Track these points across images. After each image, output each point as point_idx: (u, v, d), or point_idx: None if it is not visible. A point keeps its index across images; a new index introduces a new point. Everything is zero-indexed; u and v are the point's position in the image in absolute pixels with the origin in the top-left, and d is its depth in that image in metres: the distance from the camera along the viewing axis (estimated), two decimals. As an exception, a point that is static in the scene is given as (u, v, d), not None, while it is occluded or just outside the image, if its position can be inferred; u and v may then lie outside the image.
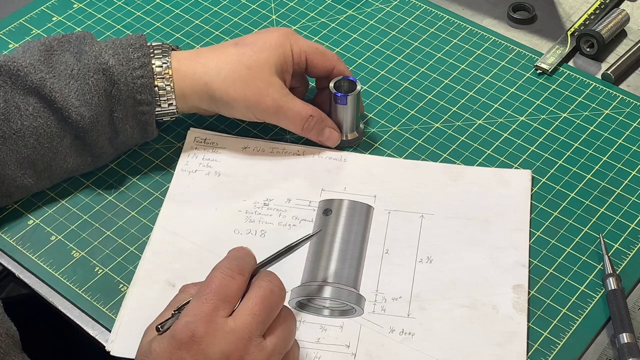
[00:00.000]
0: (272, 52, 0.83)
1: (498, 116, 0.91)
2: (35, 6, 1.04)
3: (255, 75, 0.82)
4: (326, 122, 0.86)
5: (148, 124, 0.83)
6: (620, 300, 0.74)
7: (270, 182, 0.84)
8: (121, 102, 0.80)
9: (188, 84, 0.82)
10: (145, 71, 0.81)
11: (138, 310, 0.75)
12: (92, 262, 0.80)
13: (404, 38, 0.99)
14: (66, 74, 0.80)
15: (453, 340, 0.73)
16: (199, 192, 0.84)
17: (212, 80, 0.82)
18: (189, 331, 0.62)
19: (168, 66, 0.82)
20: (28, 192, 0.83)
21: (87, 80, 0.79)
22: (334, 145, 0.87)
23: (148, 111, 0.82)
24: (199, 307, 0.63)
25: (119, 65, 0.80)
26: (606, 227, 0.81)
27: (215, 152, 0.87)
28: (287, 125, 0.85)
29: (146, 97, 0.81)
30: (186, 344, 0.62)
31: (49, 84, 0.79)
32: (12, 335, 0.70)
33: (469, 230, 0.80)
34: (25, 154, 0.80)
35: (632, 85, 0.94)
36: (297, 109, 0.84)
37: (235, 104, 0.82)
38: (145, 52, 0.81)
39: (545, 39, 0.99)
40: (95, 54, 0.80)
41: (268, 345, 0.64)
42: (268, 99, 0.82)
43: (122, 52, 0.81)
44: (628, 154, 0.87)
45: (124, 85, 0.80)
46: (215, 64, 0.83)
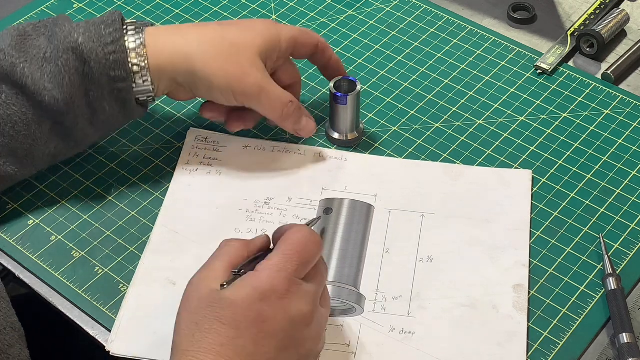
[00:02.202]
0: (257, 35, 0.81)
1: (498, 116, 0.91)
2: (35, 6, 1.04)
3: (238, 52, 0.80)
4: (303, 110, 0.84)
5: (127, 100, 0.80)
6: (620, 300, 0.74)
7: (271, 181, 0.84)
8: (94, 81, 0.78)
9: (166, 56, 0.79)
10: (117, 46, 0.77)
11: (138, 309, 0.75)
12: (92, 262, 0.80)
13: (404, 38, 0.99)
14: (39, 57, 0.77)
15: (453, 340, 0.73)
16: (200, 190, 0.84)
17: (193, 52, 0.79)
18: (272, 286, 0.63)
19: (142, 42, 0.78)
20: (13, 180, 0.81)
21: (57, 61, 0.77)
22: (309, 136, 0.86)
23: (124, 88, 0.79)
24: (284, 264, 0.64)
25: (89, 42, 0.77)
26: (606, 227, 0.81)
27: (216, 150, 0.87)
28: (266, 109, 0.82)
29: (120, 73, 0.78)
30: (268, 298, 0.63)
31: (19, 70, 0.77)
32: (17, 330, 0.70)
33: (469, 229, 0.80)
34: (2, 142, 0.78)
35: (632, 85, 0.94)
36: (278, 92, 0.82)
37: (215, 79, 0.79)
38: (117, 27, 0.78)
39: (545, 39, 0.99)
40: (65, 34, 0.78)
41: (324, 313, 0.68)
42: (250, 78, 0.80)
43: (93, 29, 0.78)
44: (628, 154, 0.87)
45: (95, 62, 0.77)
46: (196, 36, 0.80)
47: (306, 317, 0.64)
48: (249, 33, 0.81)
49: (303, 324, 0.64)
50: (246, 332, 0.62)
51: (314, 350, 0.67)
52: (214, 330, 0.61)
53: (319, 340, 0.67)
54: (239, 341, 0.61)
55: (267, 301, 0.63)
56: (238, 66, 0.79)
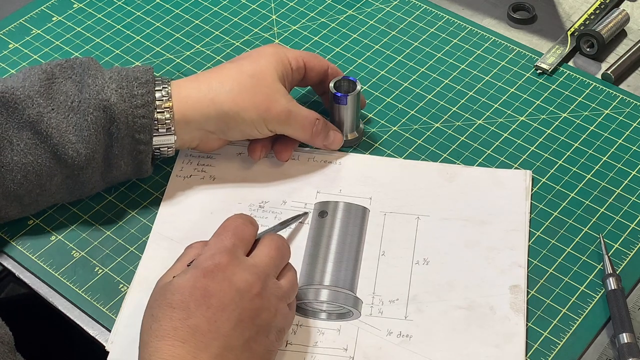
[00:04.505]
0: (269, 59, 0.82)
1: (498, 116, 0.91)
2: (35, 6, 1.04)
3: (260, 82, 0.81)
4: (329, 125, 0.86)
5: (143, 162, 0.80)
6: (620, 300, 0.74)
7: (265, 185, 0.84)
8: (119, 140, 0.78)
9: (191, 105, 0.80)
10: (148, 111, 0.78)
11: (136, 316, 0.74)
12: (92, 262, 0.80)
13: (404, 38, 0.99)
14: (66, 105, 0.77)
15: (451, 342, 0.73)
16: (194, 196, 0.84)
17: (218, 94, 0.80)
18: (213, 261, 0.66)
19: (167, 95, 0.79)
20: (11, 219, 0.81)
21: (87, 117, 0.77)
22: (338, 148, 0.87)
23: (145, 150, 0.80)
24: (221, 242, 0.68)
25: (121, 102, 0.77)
26: (606, 227, 0.81)
27: (210, 157, 0.87)
28: (296, 131, 0.83)
29: (145, 137, 0.79)
30: (211, 272, 0.65)
31: (46, 119, 0.76)
32: (7, 343, 0.70)
33: (465, 231, 0.80)
34: (11, 188, 0.77)
35: (632, 85, 0.94)
36: (305, 113, 0.83)
37: (246, 113, 0.80)
38: (150, 88, 0.78)
39: (545, 39, 0.99)
40: (97, 89, 0.77)
41: (282, 285, 0.69)
42: (278, 105, 0.81)
43: (126, 85, 0.78)
44: (628, 154, 0.87)
45: (123, 124, 0.77)
46: (217, 80, 0.81)
47: (252, 286, 0.66)
48: (262, 61, 0.82)
49: (252, 293, 0.66)
50: (197, 312, 0.64)
51: (272, 322, 0.67)
52: (166, 316, 0.64)
53: (275, 312, 0.67)
54: (192, 321, 0.63)
55: (210, 276, 0.65)
56: (264, 96, 0.81)
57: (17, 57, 0.98)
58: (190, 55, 0.98)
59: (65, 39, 1.00)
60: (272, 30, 1.01)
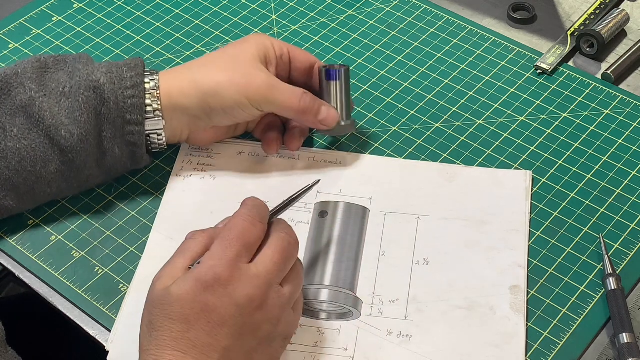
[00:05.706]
0: (252, 44, 0.82)
1: (498, 116, 0.91)
2: (35, 6, 1.04)
3: (241, 62, 0.81)
4: (319, 100, 0.83)
5: (137, 145, 0.81)
6: (620, 300, 0.74)
7: (265, 185, 0.84)
8: (110, 121, 0.79)
9: (175, 89, 0.80)
10: (137, 91, 0.79)
11: (136, 316, 0.74)
12: (92, 262, 0.80)
13: (404, 38, 0.99)
14: (57, 91, 0.78)
15: (451, 342, 0.73)
16: (194, 196, 0.84)
17: (198, 75, 0.80)
18: (215, 274, 0.64)
19: (156, 84, 0.80)
20: (9, 213, 0.81)
21: (78, 98, 0.78)
22: (334, 124, 0.83)
23: (137, 131, 0.80)
24: (223, 252, 0.65)
25: (110, 83, 0.79)
26: (606, 227, 0.81)
27: (210, 157, 0.87)
28: (283, 105, 0.81)
29: (135, 117, 0.79)
30: (212, 287, 0.63)
31: (38, 103, 0.77)
32: None
33: (465, 231, 0.80)
34: (7, 175, 0.78)
35: (632, 85, 0.94)
36: (289, 87, 0.82)
37: (224, 91, 0.80)
38: (139, 71, 0.80)
39: (545, 39, 0.99)
40: (88, 72, 0.79)
41: (285, 293, 0.67)
42: (257, 79, 0.80)
43: (115, 70, 0.79)
44: (628, 154, 0.87)
45: (113, 103, 0.78)
46: (199, 63, 0.83)
47: (254, 300, 0.64)
48: (244, 44, 0.83)
49: (252, 307, 0.65)
50: (196, 325, 0.63)
51: (275, 332, 0.66)
52: (165, 328, 0.63)
53: (278, 322, 0.66)
54: (191, 334, 0.63)
55: (211, 291, 0.64)
56: (242, 72, 0.80)
57: (17, 57, 0.98)
58: (190, 55, 0.98)
59: (65, 39, 1.00)
60: (272, 30, 1.01)
